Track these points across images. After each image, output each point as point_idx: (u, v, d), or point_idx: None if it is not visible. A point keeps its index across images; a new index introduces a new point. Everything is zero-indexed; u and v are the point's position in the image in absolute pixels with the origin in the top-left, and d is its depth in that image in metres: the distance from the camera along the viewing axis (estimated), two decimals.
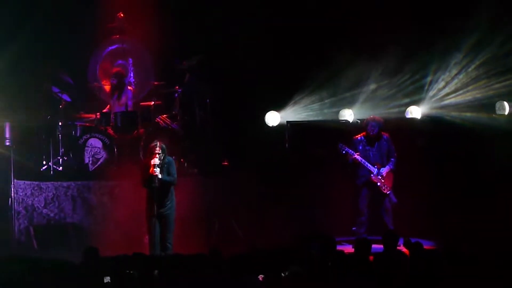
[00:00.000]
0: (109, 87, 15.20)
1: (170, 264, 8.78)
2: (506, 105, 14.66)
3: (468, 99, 14.95)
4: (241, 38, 15.14)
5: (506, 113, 14.66)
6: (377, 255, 9.25)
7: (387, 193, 13.40)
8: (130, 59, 15.66)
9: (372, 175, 13.37)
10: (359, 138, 13.54)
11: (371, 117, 13.68)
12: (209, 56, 15.25)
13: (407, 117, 14.88)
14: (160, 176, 11.71)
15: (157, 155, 11.74)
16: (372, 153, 13.46)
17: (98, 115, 14.77)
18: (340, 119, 14.86)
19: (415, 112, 14.88)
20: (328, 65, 14.85)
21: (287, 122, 14.99)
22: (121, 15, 15.52)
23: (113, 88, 15.06)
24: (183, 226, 12.81)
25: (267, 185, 14.15)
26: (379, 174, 13.38)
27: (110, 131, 14.53)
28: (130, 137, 14.53)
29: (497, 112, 14.70)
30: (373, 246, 9.44)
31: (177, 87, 15.10)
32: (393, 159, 13.49)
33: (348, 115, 14.82)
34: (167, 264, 8.78)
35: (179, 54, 15.41)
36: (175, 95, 15.15)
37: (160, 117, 14.96)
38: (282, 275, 8.02)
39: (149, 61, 15.87)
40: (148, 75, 15.70)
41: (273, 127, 14.99)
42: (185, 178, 13.43)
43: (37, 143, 14.75)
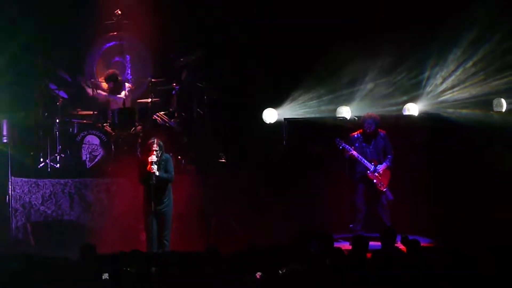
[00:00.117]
0: (107, 85, 15.20)
1: (167, 261, 8.77)
2: (503, 102, 14.65)
3: (465, 95, 14.94)
4: (240, 36, 15.14)
5: (503, 110, 14.65)
6: (375, 252, 9.24)
7: (384, 190, 13.39)
8: (127, 56, 15.67)
9: (368, 172, 13.35)
10: (356, 135, 13.52)
11: (367, 114, 13.66)
12: (206, 53, 15.23)
13: (404, 114, 14.87)
14: (157, 173, 11.70)
15: (155, 152, 11.73)
16: (368, 150, 13.44)
17: (95, 112, 14.76)
18: (337, 116, 14.84)
19: (412, 109, 14.87)
20: (325, 62, 14.84)
21: (285, 119, 14.98)
22: (119, 12, 15.49)
23: (111, 91, 15.06)
24: (181, 223, 12.82)
25: (264, 182, 14.14)
26: (376, 171, 13.36)
27: (107, 128, 14.52)
28: (127, 134, 14.52)
29: (494, 109, 14.68)
30: (371, 243, 9.44)
31: (174, 84, 15.10)
32: (390, 156, 13.47)
33: (345, 112, 14.81)
34: (164, 261, 8.77)
35: (177, 51, 15.40)
36: (173, 92, 15.14)
37: (157, 114, 14.94)
38: (279, 272, 8.01)
39: (147, 58, 15.87)
40: (145, 72, 15.69)
41: (270, 124, 14.99)
42: (182, 175, 13.42)
43: (34, 140, 14.73)
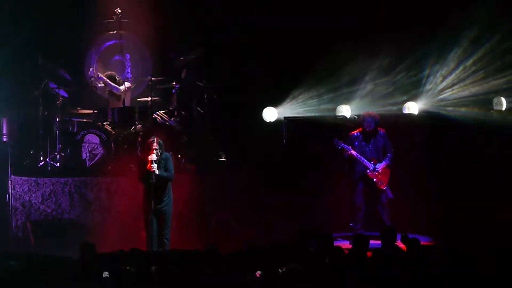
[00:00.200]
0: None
1: (167, 260, 8.78)
2: (503, 100, 14.65)
3: (465, 94, 14.94)
4: (240, 36, 15.14)
5: (503, 109, 14.65)
6: (375, 251, 9.23)
7: (384, 188, 13.37)
8: (127, 55, 15.67)
9: (368, 171, 13.34)
10: (355, 134, 13.50)
11: (367, 113, 13.63)
12: (206, 52, 15.23)
13: (404, 112, 14.87)
14: (157, 172, 11.70)
15: (155, 151, 11.73)
16: (368, 149, 13.43)
17: (95, 111, 14.76)
18: (337, 115, 14.84)
19: (412, 107, 14.87)
20: (325, 61, 14.83)
21: (285, 117, 14.97)
22: (119, 11, 15.49)
23: (111, 80, 15.05)
24: (180, 222, 12.82)
25: (264, 181, 14.13)
26: (375, 169, 13.35)
27: (107, 127, 14.52)
28: (127, 133, 14.51)
29: (494, 107, 14.68)
30: (371, 242, 9.44)
31: (174, 83, 15.09)
32: (390, 155, 13.46)
33: (345, 111, 14.81)
34: (164, 260, 8.78)
35: (177, 50, 15.40)
36: (173, 91, 15.14)
37: (157, 113, 14.94)
38: (279, 271, 8.01)
39: (147, 57, 15.87)
40: (145, 71, 15.68)
41: (270, 122, 14.99)
42: (182, 174, 13.42)
43: (34, 139, 14.73)
